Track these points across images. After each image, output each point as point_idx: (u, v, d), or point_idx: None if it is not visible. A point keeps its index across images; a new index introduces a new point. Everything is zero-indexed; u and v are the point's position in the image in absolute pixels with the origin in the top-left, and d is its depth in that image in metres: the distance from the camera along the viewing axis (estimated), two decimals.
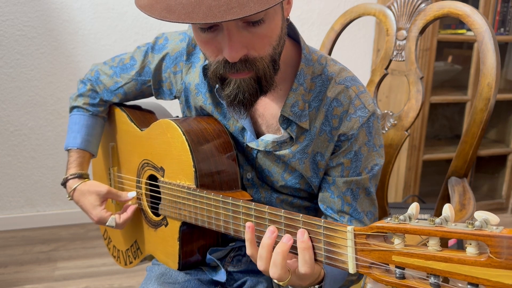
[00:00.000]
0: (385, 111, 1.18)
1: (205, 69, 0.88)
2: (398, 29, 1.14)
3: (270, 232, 0.67)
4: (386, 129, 1.17)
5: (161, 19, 0.63)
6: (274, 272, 0.66)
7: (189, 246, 0.91)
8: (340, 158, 0.85)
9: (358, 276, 0.88)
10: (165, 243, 0.94)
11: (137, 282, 1.93)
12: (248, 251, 0.70)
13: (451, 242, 1.90)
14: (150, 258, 1.06)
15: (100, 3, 2.22)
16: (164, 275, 0.93)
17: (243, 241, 0.96)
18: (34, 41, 2.20)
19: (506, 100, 2.50)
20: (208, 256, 0.92)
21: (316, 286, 0.72)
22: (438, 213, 1.07)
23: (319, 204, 0.90)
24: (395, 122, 1.15)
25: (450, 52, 2.65)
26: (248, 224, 0.69)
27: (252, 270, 0.95)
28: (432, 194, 2.52)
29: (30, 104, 2.27)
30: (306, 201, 0.94)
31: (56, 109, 2.31)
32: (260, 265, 0.68)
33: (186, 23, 0.62)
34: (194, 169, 0.85)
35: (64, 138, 1.09)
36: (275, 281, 0.68)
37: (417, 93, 1.11)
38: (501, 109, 2.63)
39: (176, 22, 0.62)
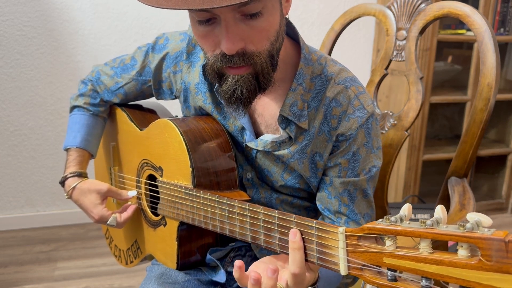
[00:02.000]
0: (385, 111, 1.18)
1: (204, 68, 0.88)
2: (398, 29, 1.14)
3: (271, 272, 0.65)
4: (386, 129, 1.17)
5: (158, 7, 0.64)
6: None
7: (187, 246, 0.91)
8: (338, 159, 0.85)
9: (353, 279, 0.87)
10: (163, 242, 0.94)
11: (137, 282, 1.93)
12: (240, 284, 0.68)
13: (451, 242, 1.90)
14: (150, 258, 1.06)
15: (100, 3, 2.22)
16: (164, 275, 0.93)
17: (243, 241, 0.96)
18: (34, 41, 2.20)
19: (506, 100, 2.50)
20: (208, 256, 0.92)
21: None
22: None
23: (317, 204, 0.89)
24: (395, 122, 1.15)
25: (450, 52, 2.65)
26: (237, 263, 0.67)
27: None
28: (432, 194, 2.52)
29: (30, 104, 2.27)
30: (306, 201, 0.94)
31: (56, 109, 2.31)
32: None
33: (183, 9, 0.63)
34: (191, 169, 0.85)
35: (64, 138, 1.09)
36: None
37: (417, 93, 1.11)
38: (501, 109, 2.63)
39: (173, 9, 0.63)
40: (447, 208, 1.06)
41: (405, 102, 1.13)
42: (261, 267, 0.68)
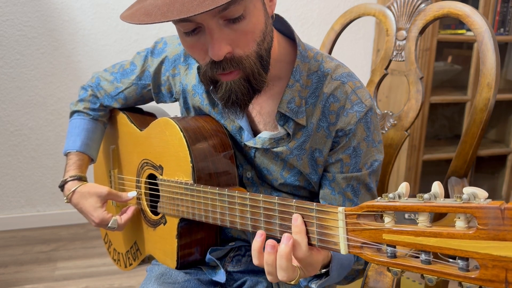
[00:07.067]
0: (385, 111, 1.18)
1: (199, 70, 0.88)
2: (398, 29, 1.14)
3: (287, 238, 0.64)
4: (386, 129, 1.17)
5: (140, 24, 0.66)
6: (283, 276, 0.65)
7: (187, 243, 0.91)
8: (339, 154, 0.85)
9: (364, 267, 0.87)
10: (163, 241, 0.95)
11: (137, 282, 1.94)
12: (256, 261, 0.68)
13: None
14: (149, 260, 1.06)
15: (100, 3, 2.22)
16: (164, 275, 0.93)
17: (243, 240, 0.96)
18: (34, 41, 2.20)
19: (506, 100, 2.50)
20: (208, 255, 0.92)
21: (323, 270, 0.73)
22: (438, 214, 1.07)
23: (320, 201, 0.89)
24: (395, 122, 1.15)
25: (450, 52, 2.65)
26: (260, 232, 0.67)
27: (252, 270, 0.95)
28: None
29: (30, 104, 2.27)
30: (307, 199, 0.94)
31: (56, 109, 2.31)
32: (273, 278, 0.66)
33: (162, 22, 0.64)
34: (191, 164, 0.85)
35: (64, 138, 1.09)
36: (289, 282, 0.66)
37: (417, 93, 1.11)
38: (501, 109, 2.64)
39: (153, 23, 0.64)
40: None
41: (405, 102, 1.14)
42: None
